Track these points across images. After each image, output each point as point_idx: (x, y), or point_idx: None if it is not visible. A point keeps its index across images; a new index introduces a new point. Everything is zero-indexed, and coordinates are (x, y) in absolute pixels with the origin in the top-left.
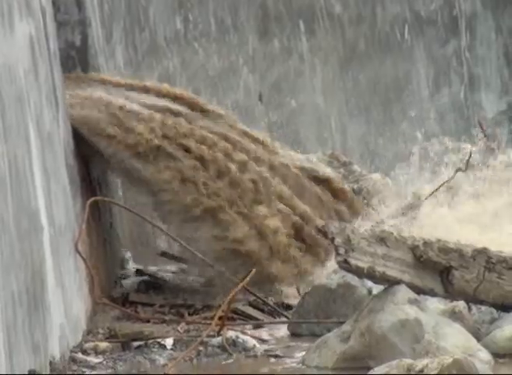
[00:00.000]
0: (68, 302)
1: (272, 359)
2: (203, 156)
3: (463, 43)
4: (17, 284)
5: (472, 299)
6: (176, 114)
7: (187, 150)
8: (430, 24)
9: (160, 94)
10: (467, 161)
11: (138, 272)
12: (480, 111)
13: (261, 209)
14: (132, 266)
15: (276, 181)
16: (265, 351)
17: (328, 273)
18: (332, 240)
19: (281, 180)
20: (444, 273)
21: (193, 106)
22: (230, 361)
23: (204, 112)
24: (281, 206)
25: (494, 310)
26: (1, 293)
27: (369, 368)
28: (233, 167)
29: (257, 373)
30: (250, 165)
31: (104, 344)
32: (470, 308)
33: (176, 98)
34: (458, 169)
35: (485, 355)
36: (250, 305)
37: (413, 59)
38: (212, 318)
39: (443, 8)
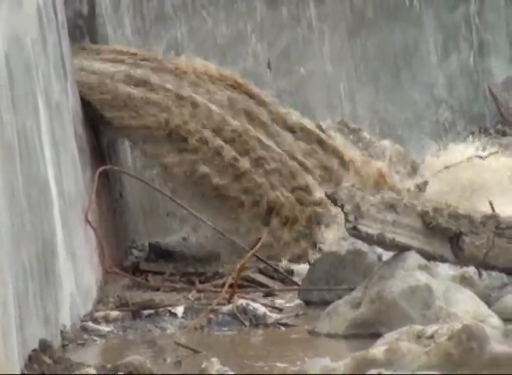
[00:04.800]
0: (79, 272)
1: (283, 328)
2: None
3: (472, 9)
4: (28, 255)
5: (482, 265)
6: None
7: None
8: None
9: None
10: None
11: (149, 244)
12: (489, 77)
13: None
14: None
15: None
16: (276, 319)
17: (337, 240)
18: (342, 207)
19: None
20: (454, 238)
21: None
22: (241, 330)
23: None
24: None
25: (504, 275)
26: (13, 263)
27: (380, 334)
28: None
29: (268, 342)
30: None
31: (114, 313)
32: (480, 274)
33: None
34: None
35: (495, 320)
36: (261, 272)
37: (422, 26)
38: (223, 286)
39: None
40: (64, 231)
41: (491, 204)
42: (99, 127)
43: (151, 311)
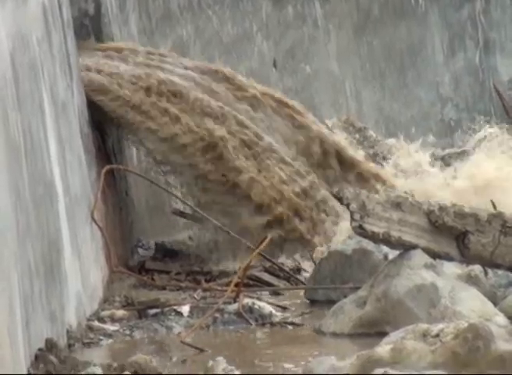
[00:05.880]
0: (84, 271)
1: (289, 326)
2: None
3: (477, 7)
4: (33, 254)
5: (488, 263)
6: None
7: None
8: None
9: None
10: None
11: (155, 243)
12: (495, 75)
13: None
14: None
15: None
16: (281, 318)
17: (343, 239)
18: (348, 205)
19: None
20: (460, 237)
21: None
22: (247, 329)
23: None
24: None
25: (510, 274)
26: (18, 262)
27: (385, 333)
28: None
29: (274, 341)
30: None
31: (120, 312)
32: (486, 273)
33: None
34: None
35: (501, 319)
36: (266, 271)
37: (427, 24)
38: (228, 285)
39: None
40: (70, 230)
41: (493, 203)
42: (105, 127)
43: (157, 310)
